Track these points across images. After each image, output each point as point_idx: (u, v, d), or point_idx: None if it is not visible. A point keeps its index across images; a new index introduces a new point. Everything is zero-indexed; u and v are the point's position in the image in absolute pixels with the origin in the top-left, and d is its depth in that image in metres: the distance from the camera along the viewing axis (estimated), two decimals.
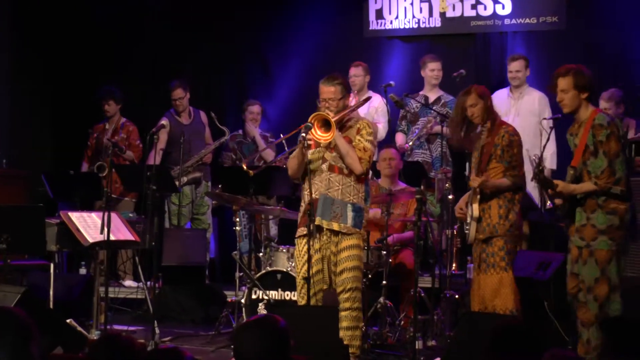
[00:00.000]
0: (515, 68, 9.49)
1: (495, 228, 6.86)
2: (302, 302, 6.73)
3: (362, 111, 9.59)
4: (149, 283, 8.25)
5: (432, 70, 9.78)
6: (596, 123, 6.09)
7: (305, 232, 6.71)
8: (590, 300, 6.10)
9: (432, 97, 9.72)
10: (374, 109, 9.77)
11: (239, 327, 4.03)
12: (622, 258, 6.17)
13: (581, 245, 6.18)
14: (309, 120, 6.58)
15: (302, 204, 6.86)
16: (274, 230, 9.81)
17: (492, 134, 6.94)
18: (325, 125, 6.60)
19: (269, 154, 9.92)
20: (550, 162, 9.16)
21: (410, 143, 9.48)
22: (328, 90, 6.80)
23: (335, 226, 6.70)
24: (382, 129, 9.70)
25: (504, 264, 6.83)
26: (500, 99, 9.22)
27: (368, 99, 8.65)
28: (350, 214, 6.72)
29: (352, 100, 7.57)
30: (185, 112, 10.18)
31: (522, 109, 9.24)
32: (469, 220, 7.00)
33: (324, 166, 6.76)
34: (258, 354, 3.74)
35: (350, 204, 6.73)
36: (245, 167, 6.90)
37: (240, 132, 10.39)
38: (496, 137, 6.90)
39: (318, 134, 6.59)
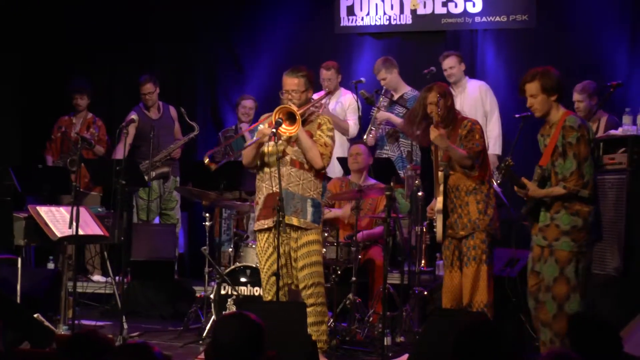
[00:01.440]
0: (449, 65, 9.51)
1: (477, 224, 6.90)
2: (268, 297, 6.75)
3: (331, 108, 9.62)
4: (117, 278, 8.22)
5: (380, 79, 9.74)
6: (567, 125, 6.12)
7: (265, 226, 6.73)
8: (549, 299, 6.14)
9: (397, 94, 9.71)
10: (345, 107, 9.78)
11: (218, 320, 4.04)
12: (583, 260, 6.19)
13: (543, 245, 6.22)
14: (274, 112, 6.58)
15: (259, 196, 6.86)
16: (253, 226, 9.76)
17: (454, 131, 6.97)
18: (290, 118, 6.60)
19: None
20: (493, 146, 9.25)
21: (365, 137, 9.46)
22: (292, 82, 6.81)
23: (295, 221, 6.71)
24: (353, 126, 9.71)
25: (485, 257, 6.88)
26: None
27: (329, 93, 8.67)
28: (310, 209, 6.75)
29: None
30: (154, 107, 10.15)
31: (465, 103, 9.25)
32: (434, 216, 7.04)
33: (286, 160, 6.75)
34: (235, 346, 3.75)
35: (310, 199, 6.76)
36: (207, 161, 6.83)
37: (232, 127, 10.37)
38: (459, 130, 6.94)
39: (283, 127, 6.59)
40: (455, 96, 9.19)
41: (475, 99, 9.43)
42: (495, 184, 7.37)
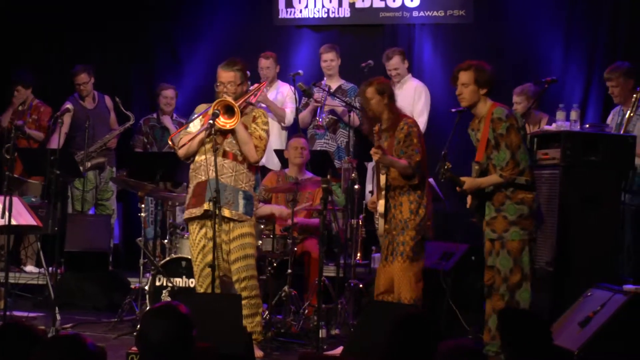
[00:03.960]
0: (394, 66, 9.56)
1: (407, 223, 6.94)
2: (201, 289, 6.73)
3: (271, 97, 9.63)
4: (50, 269, 8.14)
5: (324, 61, 9.81)
6: (495, 117, 6.22)
7: (194, 214, 6.71)
8: (504, 289, 6.23)
9: (333, 85, 9.74)
10: (283, 97, 9.81)
11: (145, 314, 4.01)
12: (534, 247, 6.31)
13: (493, 238, 6.31)
14: (213, 105, 6.56)
15: (190, 185, 6.85)
16: (180, 217, 9.73)
17: (392, 129, 6.99)
18: (228, 111, 6.58)
19: None
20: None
21: (319, 119, 9.50)
22: (227, 75, 6.80)
23: (226, 213, 6.70)
24: (289, 114, 9.75)
25: (412, 254, 6.91)
26: None
27: (263, 84, 8.68)
28: (241, 202, 6.74)
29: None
30: (89, 97, 10.06)
31: (402, 100, 9.29)
32: (377, 215, 7.08)
33: (219, 151, 6.73)
34: (162, 340, 3.73)
35: (242, 191, 6.75)
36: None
37: (155, 115, 10.30)
38: (396, 131, 6.96)
39: (222, 120, 6.57)
40: (396, 91, 9.24)
41: (409, 98, 9.47)
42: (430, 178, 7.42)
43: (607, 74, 8.06)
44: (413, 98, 9.51)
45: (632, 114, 7.71)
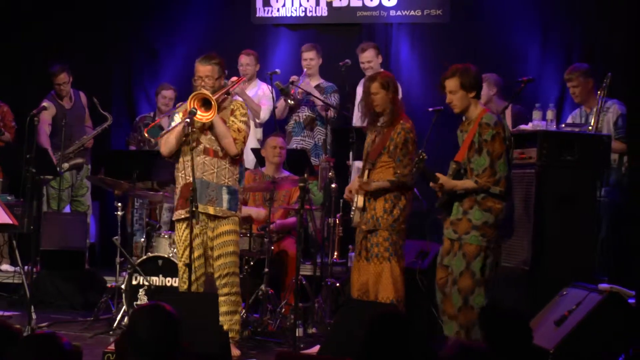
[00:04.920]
0: (367, 59, 9.55)
1: (379, 222, 6.94)
2: (184, 287, 6.72)
3: (249, 94, 9.63)
4: (26, 267, 8.10)
5: (305, 59, 9.83)
6: (483, 122, 6.21)
7: (182, 216, 6.72)
8: (455, 292, 6.23)
9: (312, 84, 9.75)
10: (262, 92, 9.81)
11: (133, 312, 4.01)
12: (491, 255, 6.29)
13: (453, 238, 6.31)
14: (189, 98, 6.57)
15: (177, 185, 6.84)
16: (166, 216, 9.71)
17: (389, 127, 6.98)
18: (205, 104, 6.58)
19: None
20: None
21: (290, 101, 9.53)
22: (204, 69, 6.81)
23: (210, 210, 6.71)
24: (265, 110, 9.77)
25: (387, 254, 6.91)
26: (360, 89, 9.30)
27: (241, 79, 8.70)
28: (225, 197, 6.76)
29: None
30: (67, 97, 9.99)
31: None
32: (353, 206, 7.07)
33: (199, 149, 6.73)
34: (152, 338, 3.72)
35: (225, 187, 6.76)
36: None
37: (151, 114, 10.28)
38: (393, 132, 6.94)
39: (199, 114, 6.57)
40: None
41: None
42: None
43: (567, 74, 8.16)
44: None
45: (598, 110, 7.78)
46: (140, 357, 3.76)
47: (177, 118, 6.86)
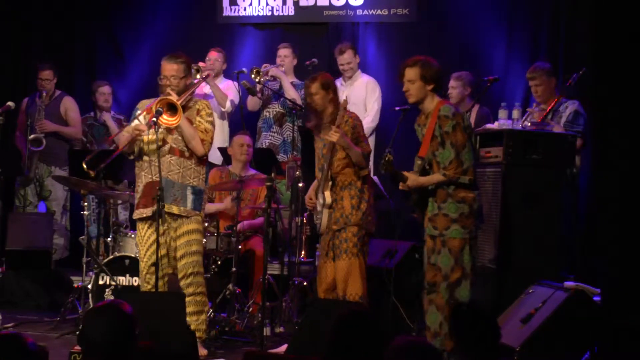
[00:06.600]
0: (346, 60, 9.60)
1: (349, 218, 6.95)
2: (147, 287, 6.70)
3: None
4: None
5: (279, 56, 9.84)
6: (441, 114, 6.23)
7: (144, 215, 6.69)
8: (445, 287, 6.25)
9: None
10: (227, 86, 9.83)
11: (87, 312, 3.99)
12: (474, 246, 6.34)
13: (434, 234, 6.33)
14: (155, 105, 6.54)
15: (139, 184, 6.83)
16: (123, 215, 9.68)
17: (334, 123, 7.00)
18: (171, 108, 6.57)
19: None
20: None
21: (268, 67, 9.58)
22: (170, 68, 6.80)
23: (174, 209, 6.70)
24: (229, 103, 9.72)
25: (356, 250, 6.92)
26: None
27: (207, 75, 8.70)
28: (190, 197, 6.75)
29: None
30: (47, 95, 9.89)
31: (353, 96, 9.33)
32: (319, 209, 7.07)
33: (165, 148, 6.72)
34: (104, 339, 3.71)
35: (190, 187, 6.75)
36: (85, 167, 6.88)
37: (92, 114, 10.22)
38: (342, 124, 6.96)
39: (165, 119, 6.55)
40: (344, 89, 9.28)
41: (360, 93, 9.53)
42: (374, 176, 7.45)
43: (529, 73, 8.19)
44: (365, 93, 9.55)
45: (550, 115, 7.83)
46: (94, 358, 3.74)
47: (142, 119, 6.81)
